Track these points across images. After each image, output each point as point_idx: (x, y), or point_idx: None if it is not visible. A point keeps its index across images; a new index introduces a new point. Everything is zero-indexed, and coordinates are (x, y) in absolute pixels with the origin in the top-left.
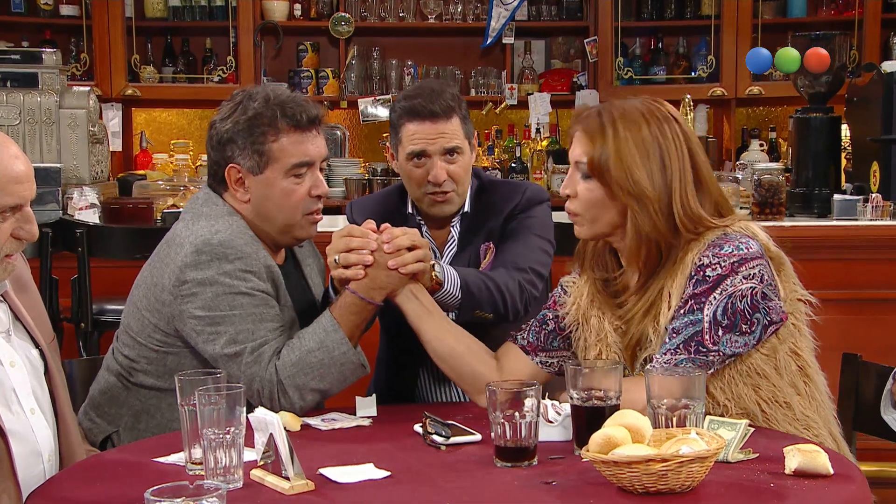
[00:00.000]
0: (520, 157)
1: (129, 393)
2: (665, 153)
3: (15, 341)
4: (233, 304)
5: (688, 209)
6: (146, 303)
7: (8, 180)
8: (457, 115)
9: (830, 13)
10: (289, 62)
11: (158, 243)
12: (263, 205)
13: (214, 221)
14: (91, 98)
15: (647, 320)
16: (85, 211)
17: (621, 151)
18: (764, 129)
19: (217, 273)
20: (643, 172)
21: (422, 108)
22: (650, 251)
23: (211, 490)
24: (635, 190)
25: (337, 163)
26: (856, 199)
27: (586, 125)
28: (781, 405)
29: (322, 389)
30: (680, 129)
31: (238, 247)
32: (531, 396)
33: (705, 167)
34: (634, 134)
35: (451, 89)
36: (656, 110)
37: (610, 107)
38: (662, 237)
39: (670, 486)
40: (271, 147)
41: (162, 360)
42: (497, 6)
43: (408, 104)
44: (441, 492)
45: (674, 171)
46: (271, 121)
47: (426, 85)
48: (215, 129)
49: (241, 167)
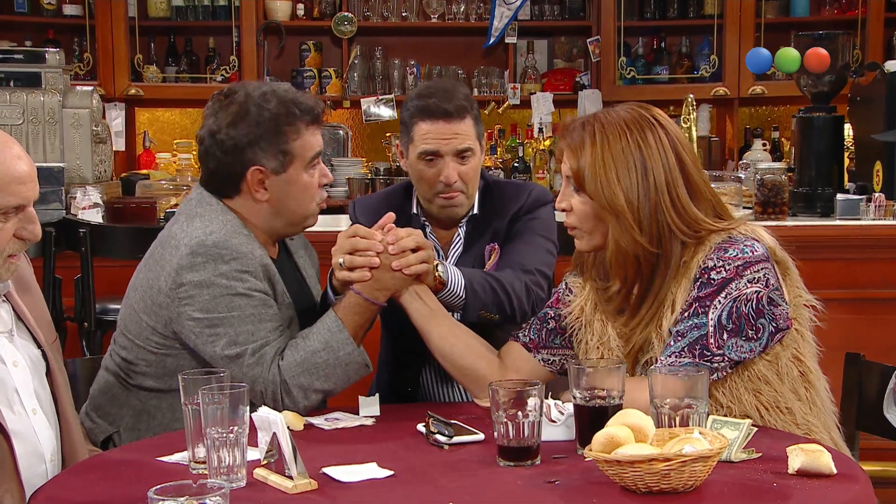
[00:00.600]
0: (522, 157)
1: (129, 394)
2: (649, 162)
3: (17, 341)
4: (231, 305)
5: (682, 214)
6: (143, 305)
7: (11, 180)
8: (469, 116)
9: (833, 12)
10: (292, 62)
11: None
12: (283, 201)
13: (209, 222)
14: (94, 98)
15: (651, 326)
16: (88, 210)
17: (596, 165)
18: (767, 129)
19: (213, 274)
20: (620, 186)
21: (436, 108)
22: (628, 263)
23: (214, 489)
24: (611, 204)
25: (340, 162)
26: (859, 198)
27: (570, 139)
28: (782, 411)
29: (326, 390)
30: (665, 135)
31: (233, 247)
32: (534, 396)
33: (696, 172)
34: (613, 145)
35: (464, 89)
36: (640, 118)
37: (594, 118)
38: (642, 250)
39: (673, 486)
40: (294, 145)
41: (161, 362)
42: (500, 6)
43: (422, 103)
44: (444, 491)
45: (659, 180)
46: (291, 119)
47: (439, 84)
48: (226, 135)
49: (264, 168)
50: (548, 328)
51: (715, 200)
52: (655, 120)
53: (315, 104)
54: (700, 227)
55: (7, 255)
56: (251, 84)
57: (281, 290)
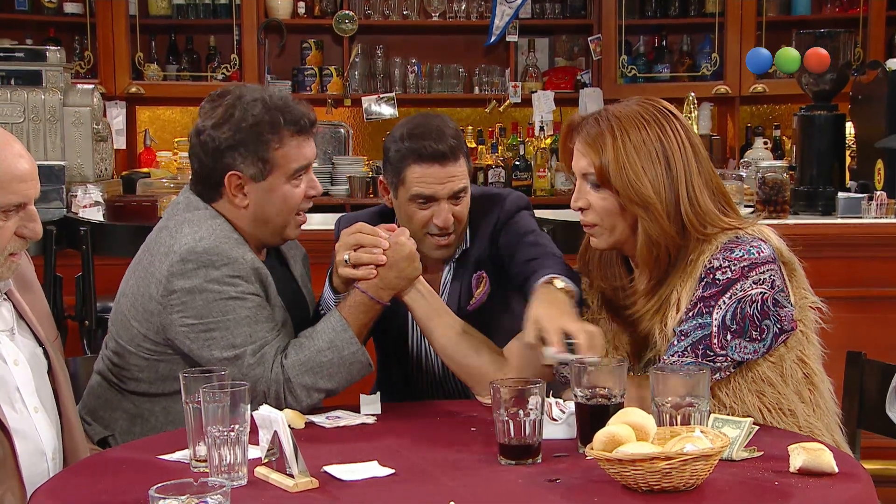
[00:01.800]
0: (523, 156)
1: (122, 398)
2: (669, 152)
3: (18, 339)
4: (225, 309)
5: (696, 206)
6: (133, 313)
7: (11, 179)
8: (461, 154)
9: (835, 11)
10: (292, 60)
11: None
12: (263, 209)
13: (198, 227)
14: (95, 96)
15: (654, 321)
16: (89, 209)
17: (621, 159)
18: (768, 127)
19: (204, 281)
20: (647, 178)
21: (431, 151)
22: (660, 255)
23: (215, 487)
24: (640, 198)
25: (341, 161)
26: (860, 196)
27: (586, 134)
28: (785, 413)
29: (329, 389)
30: (680, 126)
31: (224, 252)
32: (535, 394)
33: (707, 161)
34: (635, 138)
35: (452, 124)
36: (655, 109)
37: (606, 113)
38: (671, 240)
39: (674, 484)
40: (275, 154)
41: (153, 368)
42: (501, 4)
43: (414, 145)
44: (445, 489)
45: (679, 170)
46: (275, 128)
47: (428, 122)
48: (209, 136)
49: (242, 174)
50: None
51: (723, 191)
52: (669, 111)
53: (303, 115)
54: (710, 222)
55: (8, 253)
56: (248, 87)
57: (273, 293)
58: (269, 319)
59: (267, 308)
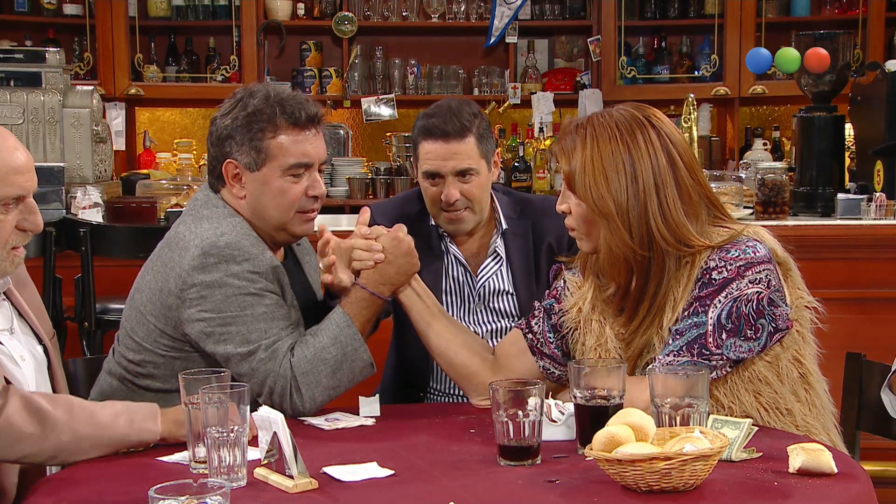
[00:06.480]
0: (523, 157)
1: (134, 395)
2: (637, 164)
3: (20, 338)
4: (243, 304)
5: (668, 220)
6: (151, 308)
7: (9, 171)
8: (472, 135)
9: (834, 12)
10: (292, 61)
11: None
12: (259, 201)
13: (218, 224)
14: (94, 97)
15: (651, 330)
16: (88, 210)
17: (588, 169)
18: (767, 128)
19: (225, 275)
20: (609, 189)
21: (435, 128)
22: (621, 267)
23: (215, 488)
24: (600, 208)
25: (340, 162)
26: (859, 198)
27: (564, 142)
28: (782, 412)
29: (333, 387)
30: (656, 136)
31: (245, 248)
32: (535, 395)
33: (690, 171)
34: (603, 148)
35: (472, 108)
36: (632, 119)
37: (587, 121)
38: (632, 253)
39: (674, 485)
40: (269, 144)
41: (170, 365)
42: (500, 5)
43: (425, 123)
44: (444, 490)
45: (648, 182)
46: (270, 117)
47: (446, 104)
48: (215, 126)
49: (238, 163)
50: (550, 323)
51: (711, 202)
52: (648, 120)
53: (300, 108)
54: (683, 238)
55: (10, 247)
56: (267, 84)
57: (289, 293)
58: (285, 317)
59: (284, 307)
